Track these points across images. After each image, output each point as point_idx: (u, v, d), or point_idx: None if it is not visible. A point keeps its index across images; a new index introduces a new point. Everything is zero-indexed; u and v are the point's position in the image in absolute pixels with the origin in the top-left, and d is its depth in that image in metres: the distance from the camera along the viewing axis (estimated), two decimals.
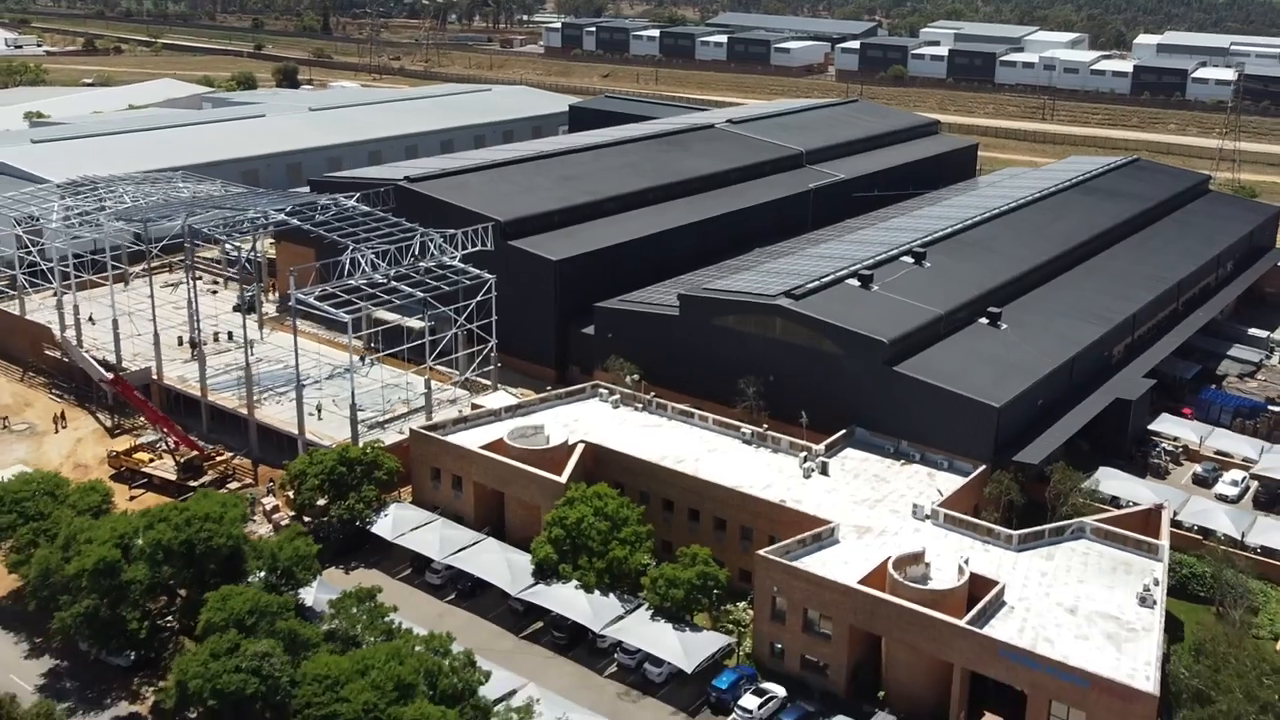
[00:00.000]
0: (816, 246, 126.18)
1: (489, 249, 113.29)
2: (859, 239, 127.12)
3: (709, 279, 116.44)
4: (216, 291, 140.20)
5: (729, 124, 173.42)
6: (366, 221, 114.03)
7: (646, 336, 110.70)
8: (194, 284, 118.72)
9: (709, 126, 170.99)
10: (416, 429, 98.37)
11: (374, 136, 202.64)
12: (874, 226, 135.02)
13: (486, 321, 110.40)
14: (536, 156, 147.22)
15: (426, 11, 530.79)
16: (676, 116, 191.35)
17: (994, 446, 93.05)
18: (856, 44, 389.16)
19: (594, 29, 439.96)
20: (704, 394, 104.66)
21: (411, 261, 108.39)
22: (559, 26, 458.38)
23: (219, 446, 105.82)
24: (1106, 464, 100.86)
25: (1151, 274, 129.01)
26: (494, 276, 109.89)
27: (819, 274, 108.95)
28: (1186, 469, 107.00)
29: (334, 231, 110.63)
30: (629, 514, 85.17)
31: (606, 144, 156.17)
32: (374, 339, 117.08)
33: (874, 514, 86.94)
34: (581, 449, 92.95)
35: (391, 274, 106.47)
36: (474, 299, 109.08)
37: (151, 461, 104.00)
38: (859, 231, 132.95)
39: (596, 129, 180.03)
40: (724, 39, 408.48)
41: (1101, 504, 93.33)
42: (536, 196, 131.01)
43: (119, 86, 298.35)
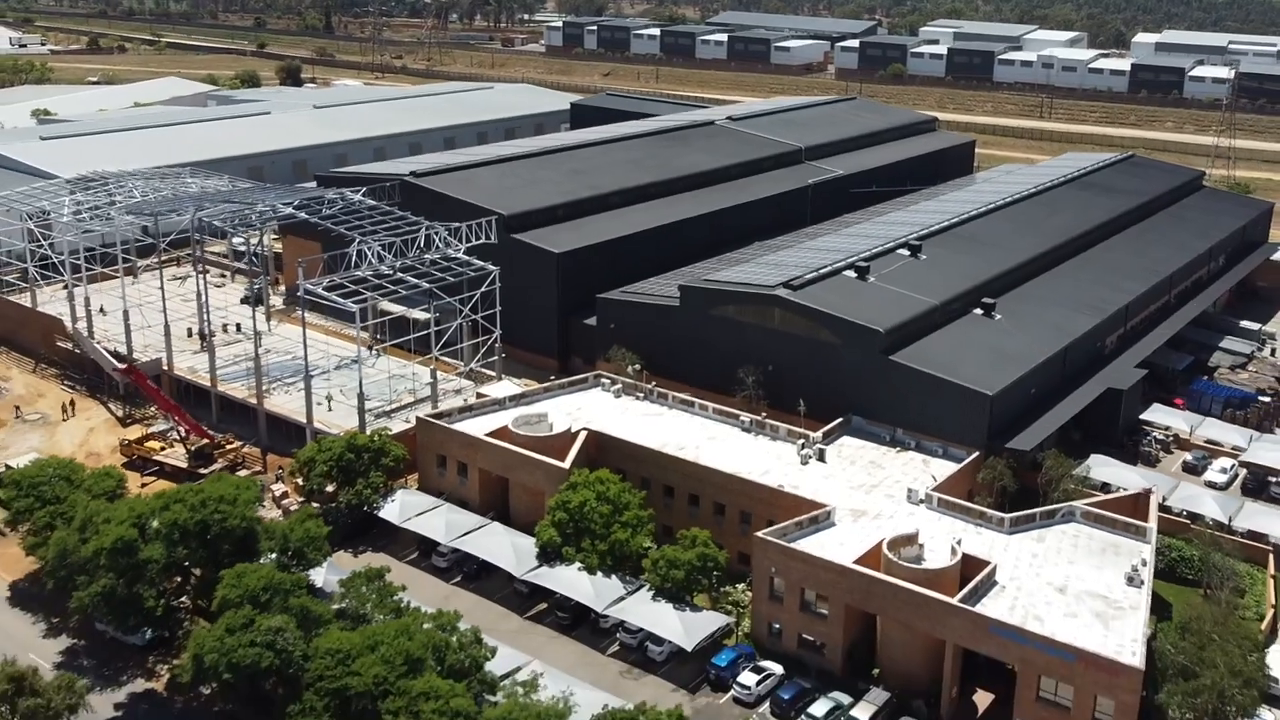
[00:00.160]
0: (814, 240, 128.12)
1: (493, 242, 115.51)
2: (856, 232, 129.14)
3: (709, 271, 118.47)
4: (223, 285, 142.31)
5: (729, 121, 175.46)
6: (373, 215, 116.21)
7: (647, 327, 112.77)
8: (203, 277, 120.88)
9: (709, 123, 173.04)
10: (423, 417, 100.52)
11: (378, 133, 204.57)
12: (871, 221, 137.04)
13: (490, 313, 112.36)
14: (539, 152, 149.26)
15: (428, 11, 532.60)
16: (677, 114, 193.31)
17: (987, 434, 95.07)
18: (856, 43, 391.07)
19: (595, 28, 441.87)
20: (704, 383, 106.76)
21: (417, 254, 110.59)
22: (560, 25, 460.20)
23: (229, 435, 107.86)
24: (1098, 452, 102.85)
25: (1144, 267, 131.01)
26: (498, 268, 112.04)
27: (817, 266, 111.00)
28: (1177, 457, 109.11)
29: (341, 224, 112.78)
30: (630, 499, 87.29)
31: (608, 140, 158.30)
32: (380, 330, 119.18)
33: (870, 499, 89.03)
34: (584, 436, 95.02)
35: (397, 266, 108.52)
36: (478, 291, 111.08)
37: (163, 450, 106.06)
38: (856, 225, 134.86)
39: (598, 126, 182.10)
40: (724, 38, 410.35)
41: (1092, 490, 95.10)
42: (539, 191, 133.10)
43: (124, 85, 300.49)
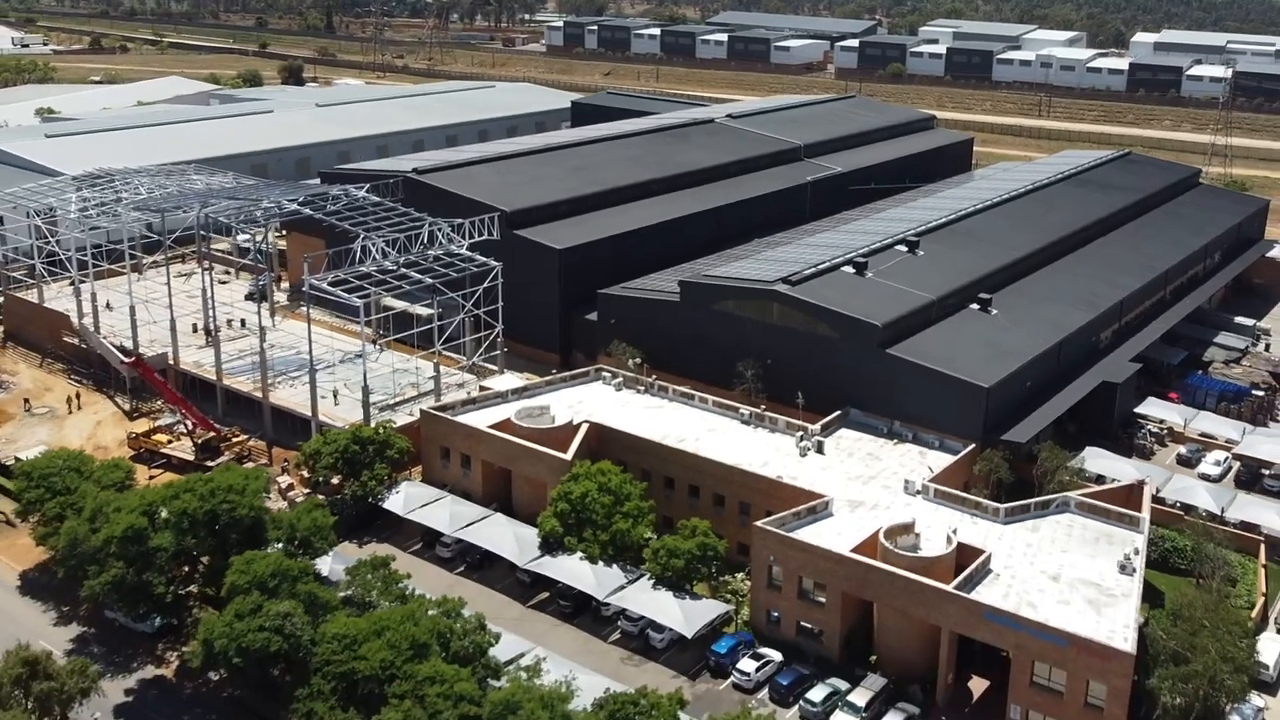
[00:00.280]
0: (813, 236, 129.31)
1: (495, 238, 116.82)
2: (855, 229, 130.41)
3: (709, 266, 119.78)
4: (228, 281, 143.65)
5: (729, 119, 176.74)
6: (376, 211, 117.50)
7: (648, 322, 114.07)
8: (210, 273, 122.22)
9: (709, 121, 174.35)
10: (427, 410, 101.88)
11: (381, 131, 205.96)
12: (869, 217, 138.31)
13: (493, 308, 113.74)
14: (541, 149, 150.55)
15: (429, 11, 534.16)
16: (677, 112, 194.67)
17: (983, 426, 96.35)
18: (855, 42, 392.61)
19: (595, 28, 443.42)
20: (704, 377, 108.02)
21: (420, 250, 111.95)
22: (561, 25, 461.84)
23: (235, 428, 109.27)
24: (1093, 444, 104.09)
25: (1140, 263, 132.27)
26: (500, 264, 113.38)
27: (815, 261, 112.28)
28: (1171, 450, 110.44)
29: (345, 220, 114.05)
30: (631, 489, 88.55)
31: (609, 137, 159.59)
32: (384, 325, 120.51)
33: (867, 489, 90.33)
34: (586, 428, 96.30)
35: (401, 262, 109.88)
36: (480, 286, 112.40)
37: (170, 443, 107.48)
38: (855, 222, 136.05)
39: (599, 124, 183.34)
40: (724, 37, 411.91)
41: (1087, 482, 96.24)
42: (541, 187, 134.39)
43: (127, 84, 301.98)
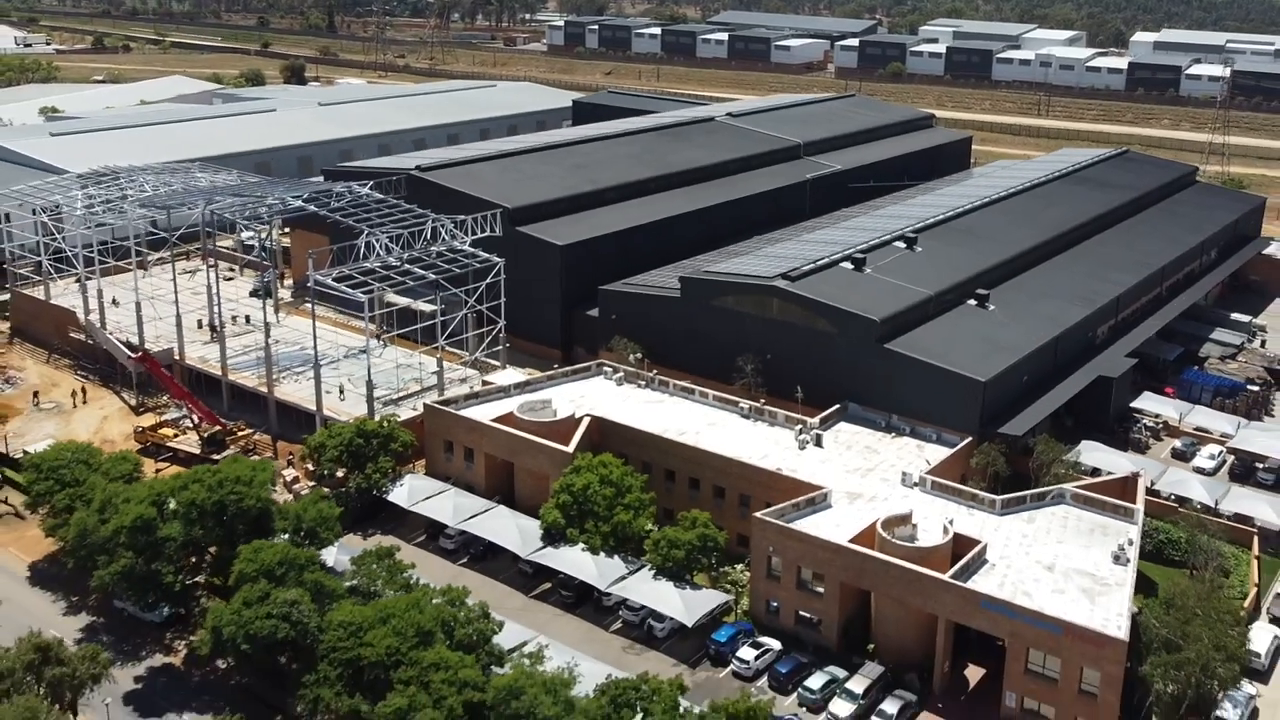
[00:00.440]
0: (812, 233, 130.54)
1: (497, 234, 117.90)
2: (853, 226, 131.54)
3: (709, 263, 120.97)
4: (232, 278, 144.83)
5: (729, 117, 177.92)
6: (380, 208, 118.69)
7: (649, 317, 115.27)
8: (215, 269, 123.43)
9: (709, 119, 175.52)
10: (430, 404, 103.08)
11: (382, 130, 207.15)
12: (868, 214, 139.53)
13: (495, 304, 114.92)
14: (543, 147, 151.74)
15: (430, 10, 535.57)
16: (678, 111, 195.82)
17: (980, 419, 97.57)
18: (855, 42, 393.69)
19: (596, 27, 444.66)
20: (704, 372, 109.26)
21: (423, 246, 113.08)
22: (561, 25, 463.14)
23: (240, 422, 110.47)
24: (1089, 438, 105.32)
25: (1136, 260, 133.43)
26: (502, 260, 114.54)
27: (814, 257, 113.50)
28: (1166, 444, 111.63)
29: (349, 217, 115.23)
30: (632, 482, 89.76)
31: (610, 135, 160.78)
32: (387, 321, 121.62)
33: (865, 482, 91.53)
34: (587, 422, 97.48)
35: (404, 258, 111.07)
36: (483, 282, 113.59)
37: (176, 437, 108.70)
38: (854, 219, 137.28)
39: (600, 123, 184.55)
40: (725, 37, 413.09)
41: (1083, 475, 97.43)
42: (543, 185, 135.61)
43: (130, 83, 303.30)
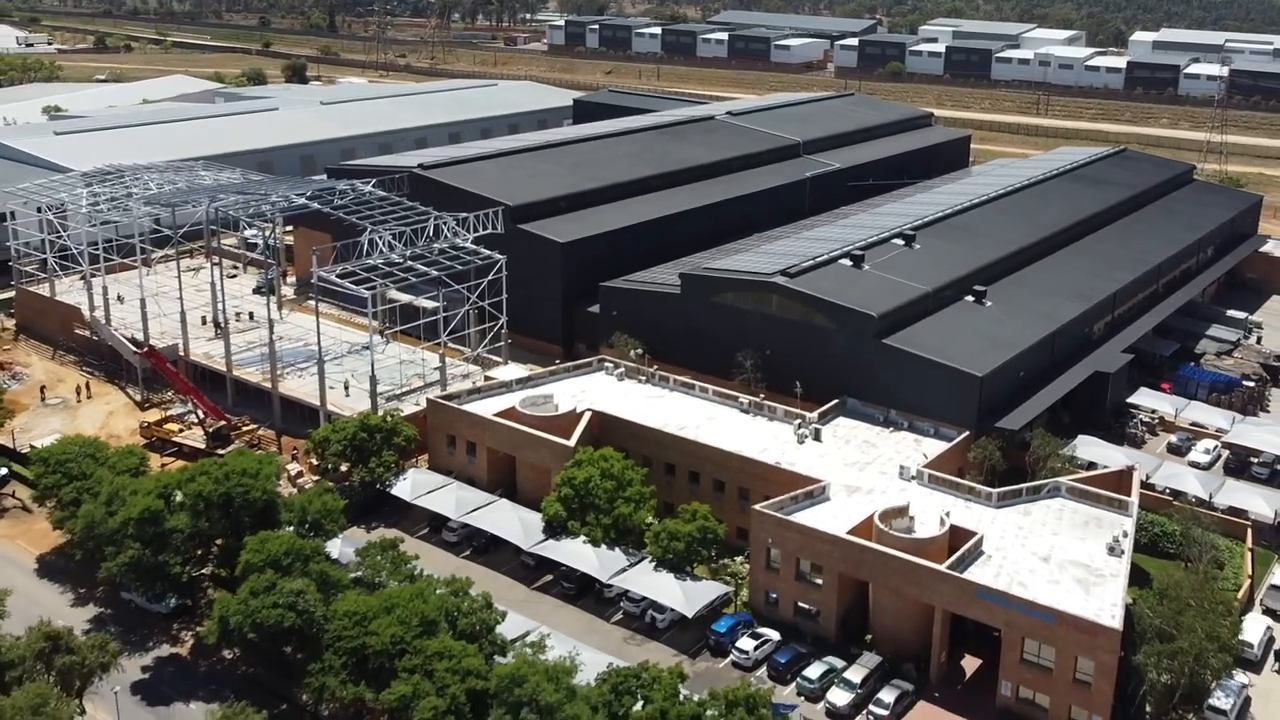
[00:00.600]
0: (812, 231, 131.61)
1: (499, 232, 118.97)
2: (852, 223, 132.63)
3: (709, 260, 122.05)
4: (236, 275, 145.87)
5: (729, 116, 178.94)
6: (383, 205, 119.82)
7: (649, 314, 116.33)
8: (219, 267, 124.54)
9: (709, 118, 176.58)
10: (433, 399, 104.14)
11: (384, 129, 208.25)
12: (867, 212, 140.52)
13: (497, 300, 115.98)
14: (544, 146, 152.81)
15: (431, 10, 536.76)
16: (678, 110, 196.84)
17: (977, 414, 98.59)
18: (855, 41, 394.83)
19: (596, 27, 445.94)
20: (704, 367, 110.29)
21: (426, 243, 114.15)
22: (562, 24, 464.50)
23: (245, 417, 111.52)
24: (1086, 433, 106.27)
25: (1133, 257, 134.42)
26: (504, 258, 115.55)
27: (813, 254, 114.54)
28: (1162, 439, 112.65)
29: (352, 214, 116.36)
30: (633, 475, 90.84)
31: (611, 134, 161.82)
32: (390, 317, 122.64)
33: (863, 475, 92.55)
34: (589, 416, 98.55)
35: (407, 255, 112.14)
36: (485, 279, 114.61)
37: (181, 432, 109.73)
38: (853, 217, 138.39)
39: (601, 121, 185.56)
40: (725, 36, 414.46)
41: (1079, 469, 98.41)
42: (544, 183, 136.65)
43: (132, 82, 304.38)
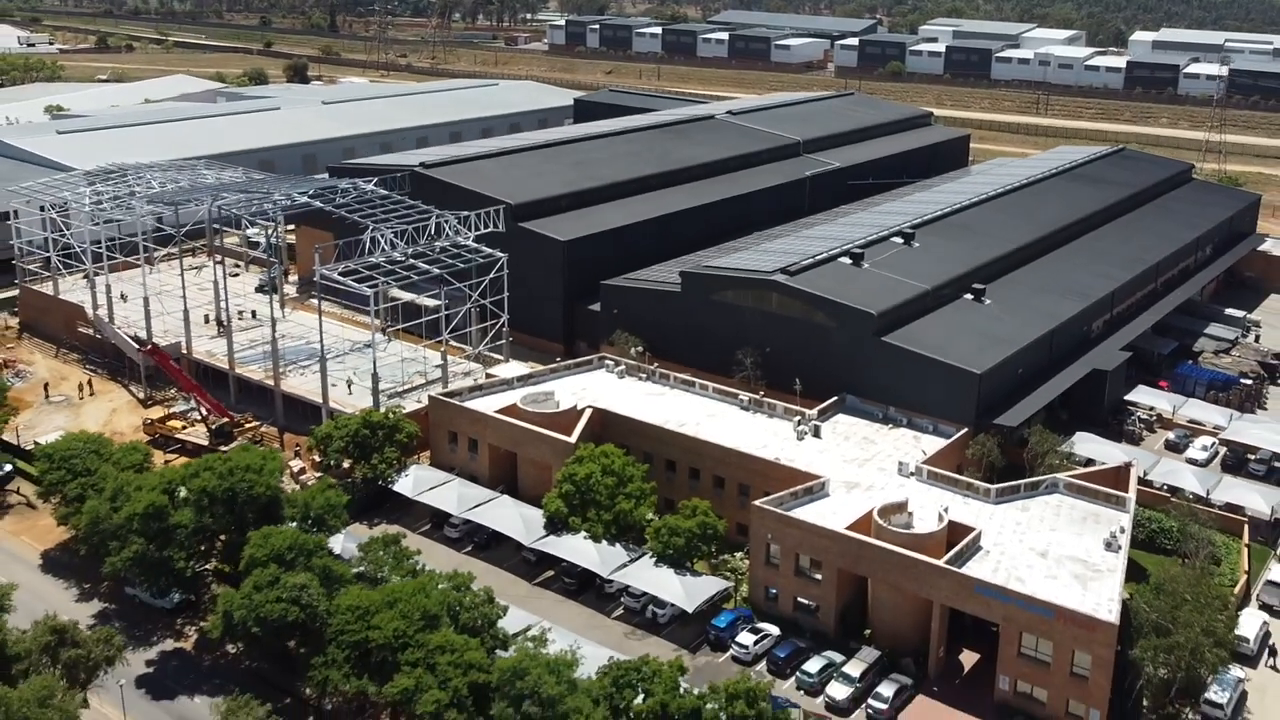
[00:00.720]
0: (811, 229, 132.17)
1: (500, 230, 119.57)
2: (852, 222, 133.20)
3: (709, 258, 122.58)
4: (238, 274, 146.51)
5: (729, 115, 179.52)
6: (384, 204, 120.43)
7: (650, 311, 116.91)
8: (222, 265, 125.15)
9: (710, 117, 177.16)
10: (435, 395, 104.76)
11: (385, 128, 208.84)
12: (867, 211, 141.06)
13: (498, 298, 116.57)
14: (545, 144, 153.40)
15: (432, 10, 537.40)
16: (679, 109, 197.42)
17: (976, 410, 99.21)
18: (855, 41, 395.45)
19: (597, 26, 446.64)
20: (704, 365, 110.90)
21: (427, 241, 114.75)
22: (563, 24, 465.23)
23: (247, 414, 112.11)
24: (1083, 430, 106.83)
25: (1131, 255, 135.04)
26: (505, 256, 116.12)
27: (813, 253, 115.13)
28: (1160, 436, 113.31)
29: (354, 213, 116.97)
30: (634, 471, 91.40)
31: (612, 133, 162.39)
32: (392, 315, 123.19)
33: (862, 471, 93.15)
34: (590, 413, 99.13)
35: (409, 253, 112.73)
36: (486, 277, 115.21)
37: (184, 429, 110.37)
38: (852, 215, 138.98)
39: (601, 121, 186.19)
40: (725, 36, 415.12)
41: (1077, 465, 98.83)
42: (545, 181, 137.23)
43: (134, 82, 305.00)
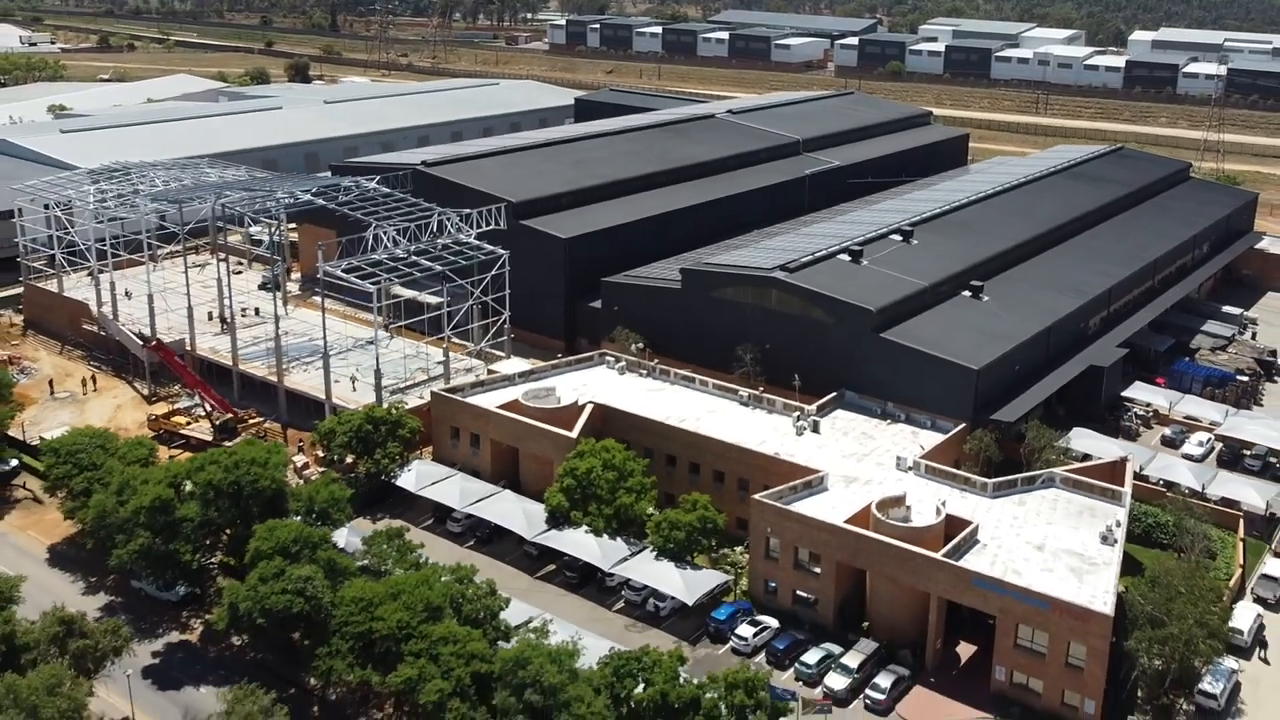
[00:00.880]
0: (811, 227, 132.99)
1: (502, 228, 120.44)
2: (851, 219, 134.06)
3: (709, 255, 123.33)
4: (241, 272, 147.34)
5: (729, 114, 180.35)
6: (387, 201, 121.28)
7: (650, 308, 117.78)
8: (225, 263, 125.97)
9: (710, 116, 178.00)
10: (437, 391, 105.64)
11: (387, 127, 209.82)
12: (866, 208, 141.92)
13: (500, 295, 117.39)
14: (546, 143, 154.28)
15: (432, 9, 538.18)
16: (679, 108, 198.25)
17: (973, 406, 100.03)
18: (855, 40, 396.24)
19: (597, 26, 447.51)
20: (704, 361, 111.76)
21: (429, 239, 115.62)
22: (563, 24, 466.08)
23: (251, 410, 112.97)
24: (1080, 426, 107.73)
25: (1129, 253, 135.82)
26: (507, 253, 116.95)
27: (812, 250, 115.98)
28: (1156, 431, 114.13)
29: (357, 210, 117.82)
30: (634, 466, 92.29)
31: (612, 132, 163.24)
32: (394, 312, 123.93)
33: (861, 466, 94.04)
34: (591, 409, 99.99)
35: (411, 250, 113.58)
36: (488, 274, 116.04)
37: (189, 424, 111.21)
38: (851, 213, 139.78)
39: (602, 120, 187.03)
40: (725, 36, 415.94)
41: (1073, 460, 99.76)
42: (546, 180, 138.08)
43: (136, 82, 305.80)
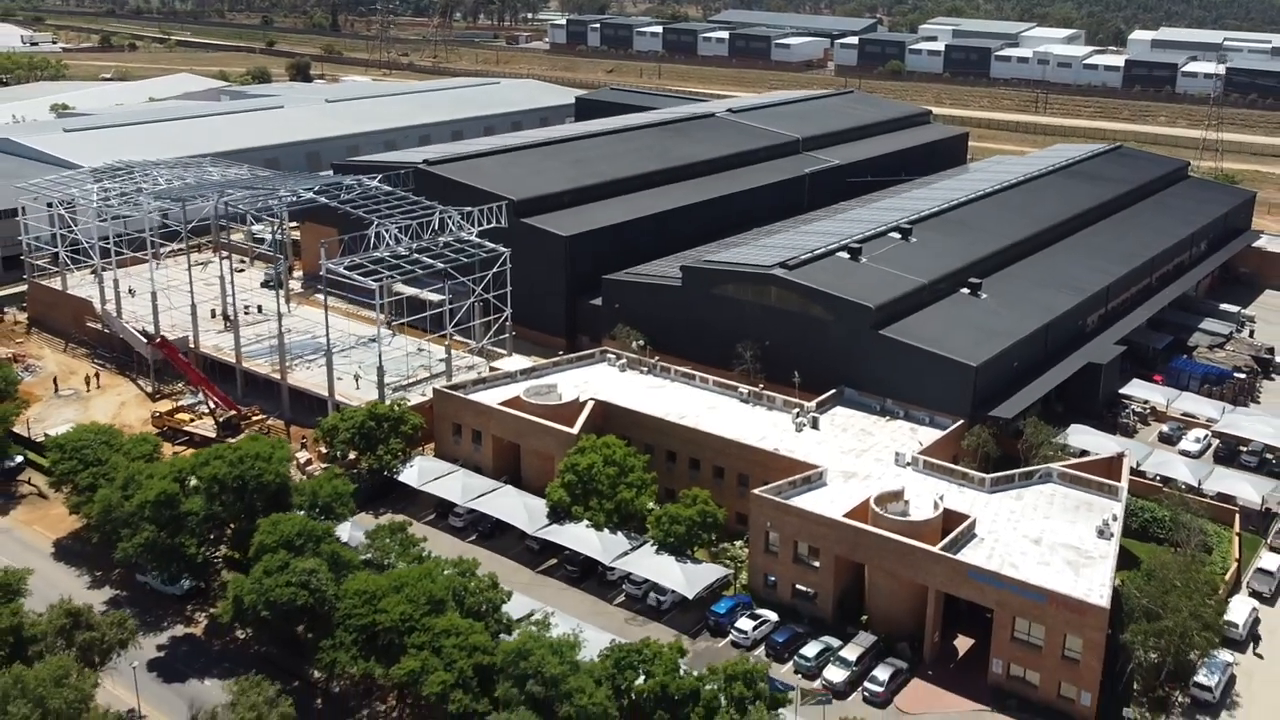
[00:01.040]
0: (810, 225, 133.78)
1: (503, 226, 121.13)
2: (850, 218, 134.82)
3: (709, 253, 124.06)
4: (244, 270, 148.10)
5: (729, 113, 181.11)
6: (389, 200, 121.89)
7: (651, 306, 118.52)
8: (229, 261, 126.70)
9: (710, 115, 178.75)
10: (439, 388, 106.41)
11: (388, 126, 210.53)
12: (865, 207, 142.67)
13: (502, 293, 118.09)
14: (547, 142, 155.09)
15: (433, 9, 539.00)
16: (679, 107, 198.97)
17: (972, 403, 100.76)
18: (855, 39, 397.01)
19: (598, 25, 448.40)
20: (704, 358, 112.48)
21: (431, 237, 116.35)
22: (563, 23, 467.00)
23: (254, 407, 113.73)
24: (1078, 422, 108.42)
25: (1127, 251, 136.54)
26: (508, 251, 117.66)
27: (812, 247, 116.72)
28: (1154, 428, 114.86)
29: (359, 209, 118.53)
30: (635, 462, 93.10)
31: (613, 131, 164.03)
32: (396, 310, 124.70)
33: (860, 462, 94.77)
34: (591, 405, 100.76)
35: (413, 248, 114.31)
36: (489, 272, 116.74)
37: (192, 421, 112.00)
38: (851, 211, 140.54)
39: (602, 119, 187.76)
40: (726, 35, 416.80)
41: (1071, 456, 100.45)
42: (547, 178, 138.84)
43: (138, 81, 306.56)
